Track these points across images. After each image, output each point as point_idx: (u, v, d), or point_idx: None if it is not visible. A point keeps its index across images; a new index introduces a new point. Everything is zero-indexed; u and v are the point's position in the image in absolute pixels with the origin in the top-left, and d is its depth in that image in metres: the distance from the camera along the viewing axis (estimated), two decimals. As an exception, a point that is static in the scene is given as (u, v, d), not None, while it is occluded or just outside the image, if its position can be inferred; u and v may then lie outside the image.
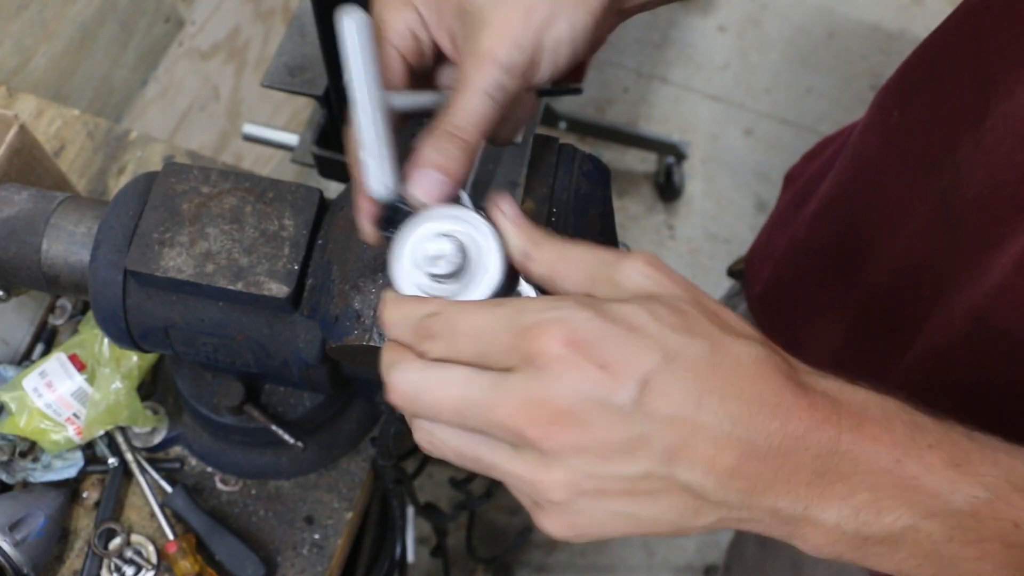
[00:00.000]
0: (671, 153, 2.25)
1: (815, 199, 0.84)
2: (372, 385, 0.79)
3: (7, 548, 0.75)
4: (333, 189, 1.45)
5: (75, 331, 0.90)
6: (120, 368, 0.82)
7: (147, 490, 0.84)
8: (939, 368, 0.65)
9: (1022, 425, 0.59)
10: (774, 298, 0.92)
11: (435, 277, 0.45)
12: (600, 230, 0.61)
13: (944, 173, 0.63)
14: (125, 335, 0.70)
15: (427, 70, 0.54)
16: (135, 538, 0.83)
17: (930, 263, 0.66)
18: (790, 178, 1.00)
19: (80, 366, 0.83)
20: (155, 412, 0.87)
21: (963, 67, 0.62)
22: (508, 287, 0.45)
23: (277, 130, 1.21)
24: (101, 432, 0.83)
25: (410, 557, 1.05)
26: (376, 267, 0.60)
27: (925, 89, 0.67)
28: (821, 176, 0.88)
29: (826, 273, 0.82)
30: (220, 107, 1.62)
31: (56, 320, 0.93)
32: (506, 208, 0.45)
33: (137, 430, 0.86)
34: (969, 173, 0.60)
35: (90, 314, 0.88)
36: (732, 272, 1.23)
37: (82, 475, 0.85)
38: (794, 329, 0.88)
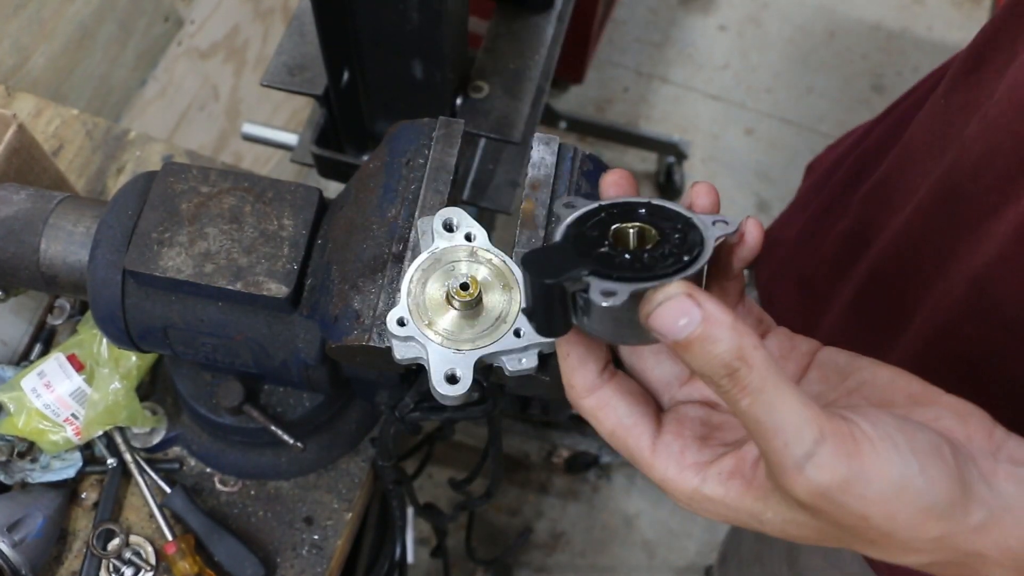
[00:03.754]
0: (671, 153, 2.25)
1: (854, 184, 0.85)
2: (372, 385, 0.78)
3: (5, 549, 0.75)
4: (333, 189, 1.45)
5: (74, 331, 0.90)
6: (119, 368, 0.82)
7: (146, 491, 0.84)
8: (939, 341, 0.65)
9: (1021, 399, 0.59)
10: (783, 280, 0.94)
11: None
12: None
13: (950, 151, 0.64)
14: (124, 335, 0.70)
15: None
16: (134, 539, 0.83)
17: (930, 237, 0.66)
18: (811, 168, 1.01)
19: (79, 366, 0.83)
20: (154, 412, 0.87)
21: (1001, 52, 0.62)
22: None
23: (276, 129, 1.21)
24: (100, 432, 0.83)
25: (410, 558, 1.05)
26: (376, 267, 0.60)
27: (969, 75, 0.67)
28: (839, 163, 0.90)
29: (837, 254, 0.83)
30: (219, 106, 1.62)
31: (54, 320, 0.93)
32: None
33: (136, 430, 0.86)
34: (971, 146, 0.60)
35: (89, 314, 0.87)
36: None
37: (81, 476, 0.85)
38: (800, 311, 0.88)
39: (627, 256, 0.39)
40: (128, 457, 0.85)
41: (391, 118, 0.99)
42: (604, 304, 0.37)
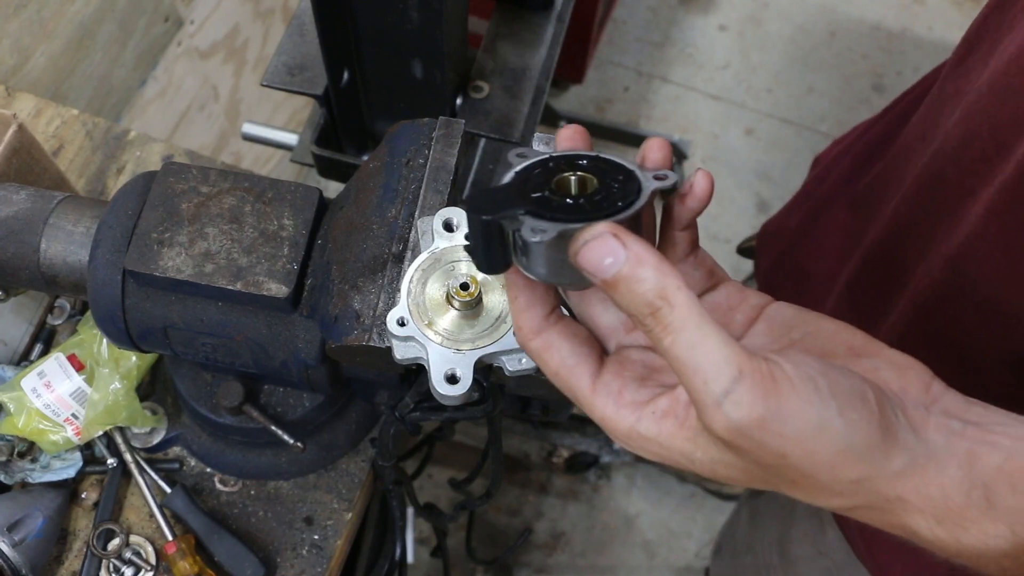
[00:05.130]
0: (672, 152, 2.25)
1: (855, 177, 0.87)
2: (372, 385, 0.78)
3: (6, 549, 0.75)
4: (332, 188, 1.44)
5: (74, 331, 0.90)
6: (119, 368, 0.82)
7: (146, 491, 0.84)
8: (920, 321, 0.66)
9: (991, 380, 0.60)
10: (782, 270, 0.95)
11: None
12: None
13: (936, 139, 0.65)
14: (124, 335, 0.70)
15: None
16: (134, 539, 0.83)
17: (915, 222, 0.67)
18: (817, 160, 1.04)
19: (79, 366, 0.83)
20: (154, 412, 0.87)
21: (986, 42, 0.63)
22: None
23: (276, 129, 1.21)
24: (100, 432, 0.83)
25: (410, 558, 1.04)
26: (376, 267, 0.60)
27: (958, 65, 0.68)
28: (842, 156, 0.92)
29: (835, 246, 0.84)
30: (219, 106, 1.62)
31: (54, 320, 0.93)
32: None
33: (136, 430, 0.86)
34: (953, 132, 0.62)
35: (89, 314, 0.87)
36: (742, 250, 1.24)
37: (81, 476, 0.85)
38: (797, 301, 0.89)
39: (567, 201, 0.41)
40: (128, 457, 0.85)
41: (391, 118, 0.99)
42: (533, 240, 0.38)
